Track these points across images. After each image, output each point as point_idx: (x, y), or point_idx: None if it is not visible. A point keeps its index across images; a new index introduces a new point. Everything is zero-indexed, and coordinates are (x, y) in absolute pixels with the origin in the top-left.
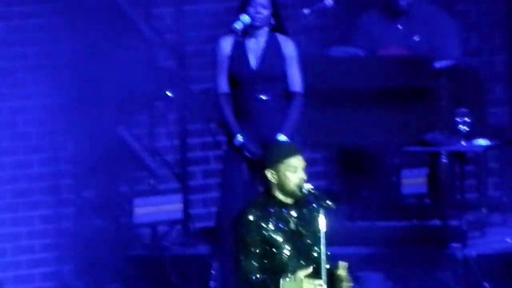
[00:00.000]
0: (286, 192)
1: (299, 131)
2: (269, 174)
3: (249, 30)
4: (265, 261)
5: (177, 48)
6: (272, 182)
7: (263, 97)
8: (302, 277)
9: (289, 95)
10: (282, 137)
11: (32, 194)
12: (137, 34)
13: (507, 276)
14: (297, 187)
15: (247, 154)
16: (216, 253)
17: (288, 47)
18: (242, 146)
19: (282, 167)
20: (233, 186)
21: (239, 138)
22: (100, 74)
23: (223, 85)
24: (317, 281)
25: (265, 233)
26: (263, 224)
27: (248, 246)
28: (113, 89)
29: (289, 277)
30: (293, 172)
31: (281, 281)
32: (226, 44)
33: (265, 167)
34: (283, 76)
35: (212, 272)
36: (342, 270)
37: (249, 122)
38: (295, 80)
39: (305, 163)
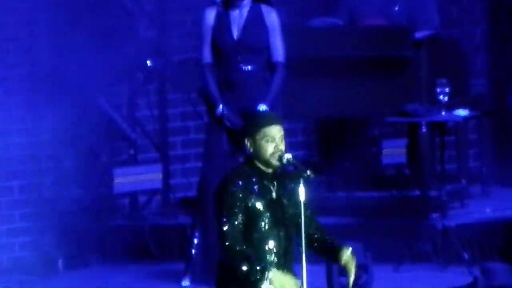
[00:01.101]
0: (263, 162)
1: (281, 101)
2: (248, 144)
3: (233, 1)
4: (247, 233)
5: (158, 18)
6: (251, 151)
7: (246, 68)
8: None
9: (271, 66)
10: (264, 107)
11: (11, 163)
12: (118, 4)
13: (486, 246)
14: (273, 157)
15: (227, 124)
16: (198, 222)
17: (271, 17)
18: (223, 116)
19: (259, 136)
20: (214, 156)
21: (221, 108)
22: (81, 44)
23: (207, 56)
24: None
25: (246, 201)
26: (244, 193)
27: (230, 214)
28: (93, 59)
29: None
30: (270, 142)
31: (267, 272)
32: (210, 15)
33: (244, 137)
34: (266, 47)
35: (194, 241)
36: (346, 256)
37: (232, 92)
38: (278, 50)
39: (284, 133)
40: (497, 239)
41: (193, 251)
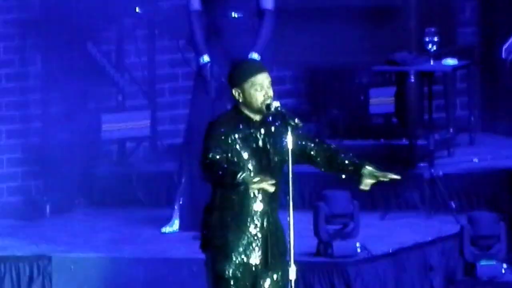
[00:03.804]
0: (253, 110)
1: (269, 49)
2: (236, 94)
3: None
4: None
5: None
6: (239, 101)
7: (235, 15)
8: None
9: (260, 13)
10: (254, 56)
11: None
12: None
13: (473, 195)
14: (264, 105)
15: (207, 74)
16: (184, 169)
17: None
18: (205, 66)
19: (247, 85)
20: (200, 104)
21: (205, 58)
22: None
23: (195, 2)
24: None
25: (231, 148)
26: (230, 139)
27: (214, 147)
28: (82, 5)
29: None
30: (259, 90)
31: (240, 175)
32: None
33: (231, 86)
34: None
35: (180, 187)
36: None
37: (219, 40)
38: None
39: (271, 80)
40: (484, 188)
41: (180, 198)
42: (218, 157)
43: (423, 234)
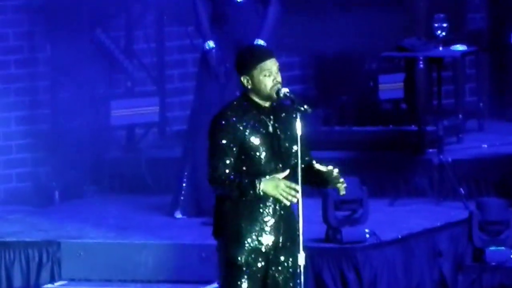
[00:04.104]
0: (262, 96)
1: (276, 36)
2: (244, 80)
3: None
4: (243, 168)
5: None
6: (248, 88)
7: (239, 0)
8: (279, 177)
9: None
10: (260, 42)
11: (8, 95)
12: None
13: (481, 181)
14: (273, 90)
15: (212, 60)
16: (188, 155)
17: None
18: (210, 52)
19: (256, 71)
20: (205, 90)
21: (210, 43)
22: None
23: None
24: (294, 185)
25: (241, 136)
26: (240, 127)
27: (222, 148)
28: None
29: (265, 178)
30: (268, 76)
31: (257, 181)
32: None
33: (239, 74)
34: None
35: (185, 174)
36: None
37: (224, 26)
38: None
39: (279, 65)
40: (493, 174)
41: (184, 184)
42: (227, 171)
43: (432, 220)
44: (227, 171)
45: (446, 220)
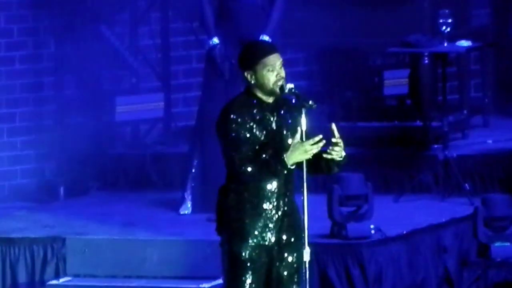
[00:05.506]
0: (265, 92)
1: (280, 32)
2: (248, 76)
3: None
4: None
5: None
6: (252, 83)
7: None
8: (300, 140)
9: None
10: (265, 38)
11: (13, 91)
12: None
13: (486, 177)
14: (277, 85)
15: (216, 56)
16: (196, 151)
17: None
18: (215, 48)
19: (259, 67)
20: (212, 86)
21: (214, 40)
22: None
23: None
24: (316, 137)
25: (248, 130)
26: (245, 121)
27: (237, 139)
28: None
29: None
30: (271, 71)
31: (284, 157)
32: None
33: (243, 69)
34: None
35: (192, 170)
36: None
37: (229, 22)
38: None
39: (282, 60)
40: (498, 169)
41: (191, 180)
42: (250, 153)
43: (437, 215)
44: (249, 153)
45: (451, 216)
